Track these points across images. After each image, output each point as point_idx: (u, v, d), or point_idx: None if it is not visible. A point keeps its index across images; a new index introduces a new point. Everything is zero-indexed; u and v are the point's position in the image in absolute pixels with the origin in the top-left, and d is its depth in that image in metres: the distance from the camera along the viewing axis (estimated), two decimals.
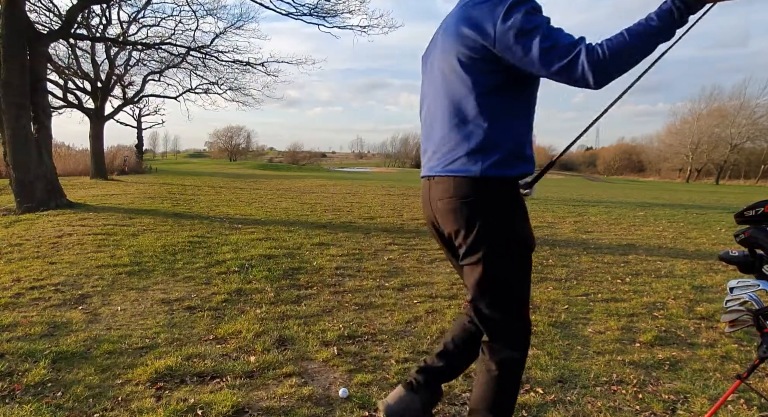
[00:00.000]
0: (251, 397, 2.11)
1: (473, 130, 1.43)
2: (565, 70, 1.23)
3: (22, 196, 7.81)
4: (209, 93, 20.07)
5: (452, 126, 1.47)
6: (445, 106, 1.49)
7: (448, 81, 1.47)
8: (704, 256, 5.71)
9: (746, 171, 52.86)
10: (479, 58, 1.37)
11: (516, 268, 1.51)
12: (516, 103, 1.43)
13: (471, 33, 1.36)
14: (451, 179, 1.48)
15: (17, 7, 7.63)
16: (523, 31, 1.26)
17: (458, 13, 1.45)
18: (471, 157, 1.43)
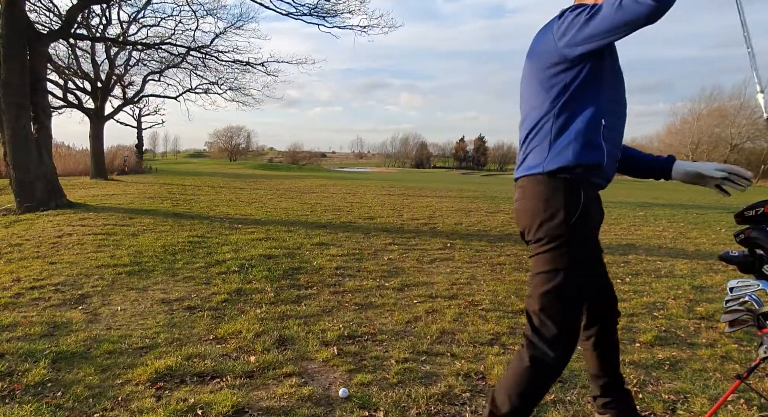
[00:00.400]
0: (251, 397, 2.11)
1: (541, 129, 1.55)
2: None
3: (22, 196, 7.81)
4: (209, 93, 20.09)
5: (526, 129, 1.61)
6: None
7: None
8: (704, 256, 5.71)
9: None
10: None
11: (574, 270, 1.51)
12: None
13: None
14: (524, 178, 1.60)
15: (17, 7, 7.63)
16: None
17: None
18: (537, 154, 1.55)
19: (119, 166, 21.84)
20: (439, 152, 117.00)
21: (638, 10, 1.26)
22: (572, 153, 1.46)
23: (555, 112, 1.48)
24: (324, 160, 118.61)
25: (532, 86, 1.57)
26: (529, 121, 1.57)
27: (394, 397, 2.13)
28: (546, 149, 1.50)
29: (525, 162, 1.58)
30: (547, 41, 1.51)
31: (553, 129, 1.49)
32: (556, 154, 1.48)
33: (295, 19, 11.56)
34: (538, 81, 1.54)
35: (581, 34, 1.39)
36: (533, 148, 1.55)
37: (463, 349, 2.70)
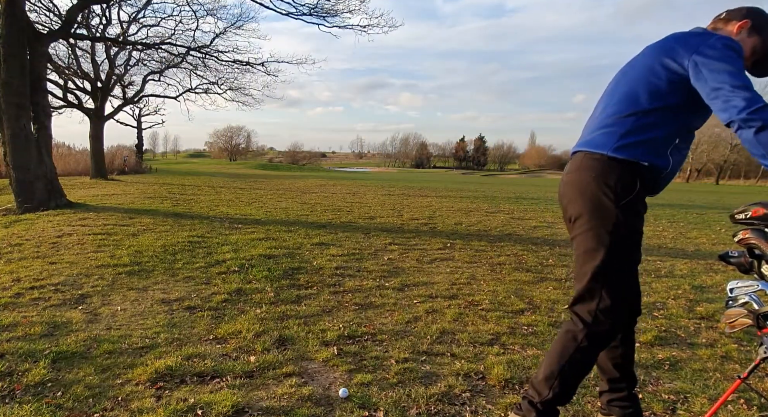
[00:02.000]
0: (251, 397, 2.10)
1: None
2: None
3: (22, 196, 7.81)
4: (209, 93, 20.08)
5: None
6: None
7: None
8: (704, 256, 5.71)
9: (746, 171, 52.87)
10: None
11: (617, 250, 1.57)
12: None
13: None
14: (582, 154, 1.65)
15: (17, 7, 7.63)
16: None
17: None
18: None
19: (119, 166, 21.85)
20: (439, 152, 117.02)
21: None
22: (642, 151, 1.55)
23: (645, 110, 1.55)
24: (324, 160, 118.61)
25: (640, 73, 1.60)
26: (618, 104, 1.61)
27: (394, 397, 2.13)
28: (617, 135, 1.57)
29: (592, 139, 1.63)
30: (683, 49, 1.52)
31: (636, 123, 1.55)
32: (626, 145, 1.55)
33: (295, 19, 11.56)
34: (649, 73, 1.57)
35: (706, 87, 1.44)
36: (605, 129, 1.60)
37: (463, 349, 2.70)
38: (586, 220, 1.58)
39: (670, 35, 1.62)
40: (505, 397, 2.16)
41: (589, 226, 1.58)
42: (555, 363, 1.65)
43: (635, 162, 1.55)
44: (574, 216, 1.63)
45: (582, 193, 1.59)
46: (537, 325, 3.10)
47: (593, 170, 1.58)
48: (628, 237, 1.58)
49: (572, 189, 1.64)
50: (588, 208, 1.58)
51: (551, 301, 3.65)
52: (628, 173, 1.55)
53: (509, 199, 13.58)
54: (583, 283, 1.61)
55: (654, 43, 1.66)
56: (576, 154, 1.69)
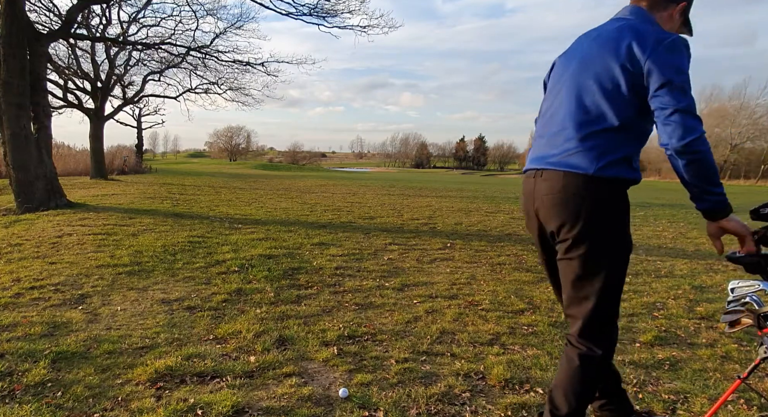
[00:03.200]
0: (251, 397, 2.10)
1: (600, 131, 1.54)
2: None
3: (22, 196, 7.81)
4: (209, 93, 20.07)
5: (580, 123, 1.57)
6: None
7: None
8: (704, 256, 5.71)
9: (746, 171, 52.84)
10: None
11: (615, 268, 1.55)
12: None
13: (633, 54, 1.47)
14: (563, 174, 1.56)
15: (17, 7, 7.63)
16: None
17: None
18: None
19: (119, 166, 21.84)
20: (439, 152, 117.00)
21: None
22: (625, 168, 1.51)
23: (619, 125, 1.49)
24: (324, 160, 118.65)
25: (601, 77, 1.51)
26: (586, 116, 1.53)
27: (394, 397, 2.13)
28: (598, 153, 1.50)
29: (572, 159, 1.53)
30: (639, 50, 1.44)
31: (610, 139, 1.50)
32: (609, 164, 1.49)
33: (295, 19, 11.56)
34: (608, 79, 1.49)
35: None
36: (583, 148, 1.52)
37: (463, 349, 2.70)
38: (589, 242, 1.52)
39: (624, 28, 1.51)
40: (505, 397, 2.16)
41: (591, 248, 1.52)
42: (579, 396, 1.60)
43: (622, 180, 1.52)
44: (570, 238, 1.54)
45: (578, 214, 1.51)
46: (537, 325, 3.10)
47: (585, 190, 1.50)
48: (628, 253, 1.57)
49: (565, 210, 1.54)
50: (589, 230, 1.51)
51: (551, 301, 3.65)
52: (618, 190, 1.53)
53: (509, 199, 13.58)
54: (589, 307, 1.55)
55: (603, 32, 1.56)
56: (553, 172, 1.56)
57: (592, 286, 1.54)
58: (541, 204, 1.60)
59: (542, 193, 1.59)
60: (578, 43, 1.66)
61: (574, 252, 1.54)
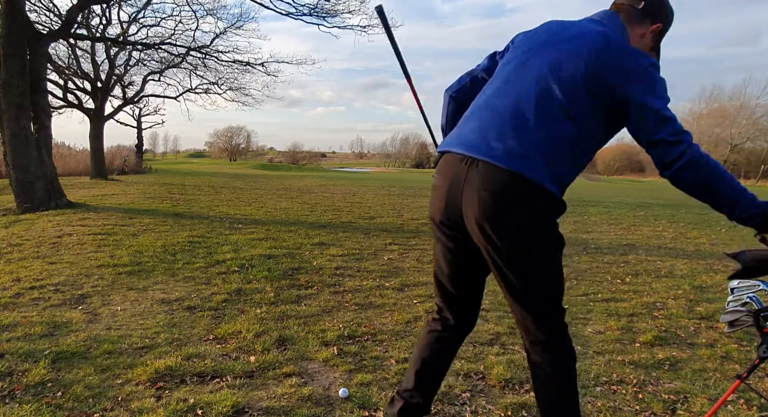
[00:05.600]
0: (251, 397, 2.10)
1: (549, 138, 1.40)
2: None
3: (22, 196, 7.81)
4: (209, 93, 20.07)
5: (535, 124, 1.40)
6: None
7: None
8: (704, 256, 5.71)
9: (746, 171, 52.85)
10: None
11: (556, 269, 1.46)
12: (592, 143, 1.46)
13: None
14: (512, 174, 1.37)
15: (17, 7, 7.63)
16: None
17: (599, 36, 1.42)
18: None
19: (119, 166, 21.84)
20: None
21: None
22: (564, 188, 1.43)
23: (575, 137, 1.37)
24: (324, 160, 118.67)
25: (567, 86, 1.37)
26: (544, 119, 1.37)
27: None
28: (554, 166, 1.37)
29: (519, 159, 1.36)
30: (610, 63, 1.34)
31: (564, 151, 1.38)
32: (561, 175, 1.39)
33: (295, 19, 11.57)
34: (572, 90, 1.36)
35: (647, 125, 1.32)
36: (536, 152, 1.37)
37: (463, 349, 2.70)
38: (531, 250, 1.40)
39: (605, 36, 1.39)
40: (505, 397, 2.16)
41: (534, 255, 1.40)
42: (566, 406, 1.50)
43: (556, 195, 1.41)
44: (505, 248, 1.39)
45: (517, 223, 1.37)
46: None
47: (529, 198, 1.36)
48: (562, 250, 1.48)
49: (504, 215, 1.37)
50: (527, 242, 1.38)
51: None
52: (556, 204, 1.42)
53: None
54: (545, 316, 1.47)
55: (582, 35, 1.41)
56: (496, 168, 1.37)
57: (546, 295, 1.45)
58: (473, 198, 1.39)
59: (477, 186, 1.38)
60: (551, 33, 1.48)
61: (513, 264, 1.40)
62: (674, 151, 1.27)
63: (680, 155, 1.26)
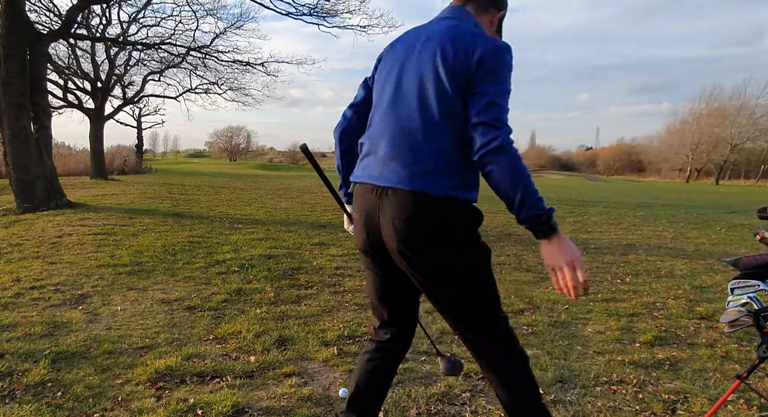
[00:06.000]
0: (251, 397, 2.10)
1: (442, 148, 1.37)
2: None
3: (22, 196, 7.81)
4: (209, 93, 20.08)
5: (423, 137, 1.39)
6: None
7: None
8: (704, 256, 5.71)
9: (746, 171, 52.90)
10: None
11: (483, 279, 1.42)
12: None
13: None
14: (416, 194, 1.35)
15: (17, 7, 7.63)
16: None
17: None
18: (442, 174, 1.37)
19: (119, 166, 21.84)
20: None
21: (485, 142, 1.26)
22: (469, 190, 1.38)
23: (458, 141, 1.33)
24: (324, 159, 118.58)
25: (435, 88, 1.34)
26: (423, 131, 1.35)
27: (394, 397, 2.13)
28: (453, 177, 1.34)
29: (418, 177, 1.34)
30: (467, 52, 1.32)
31: (456, 156, 1.34)
32: (465, 179, 1.36)
33: (295, 19, 11.58)
34: (440, 90, 1.34)
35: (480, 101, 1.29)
36: (430, 167, 1.34)
37: (463, 348, 2.70)
38: (454, 265, 1.37)
39: (453, 29, 1.38)
40: None
41: (458, 270, 1.38)
42: (532, 408, 1.52)
43: (467, 199, 1.38)
44: (428, 265, 1.37)
45: (430, 240, 1.34)
46: (537, 325, 3.10)
47: (437, 213, 1.34)
48: (487, 261, 1.44)
49: (416, 236, 1.35)
50: (443, 257, 1.36)
51: (551, 301, 3.65)
52: (467, 211, 1.39)
53: None
54: (482, 326, 1.45)
55: (433, 35, 1.40)
56: (402, 192, 1.35)
57: (468, 308, 1.42)
58: (389, 228, 1.38)
59: (390, 216, 1.37)
60: (408, 43, 1.46)
61: (439, 281, 1.39)
62: (493, 133, 1.25)
63: (497, 137, 1.24)
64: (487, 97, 1.28)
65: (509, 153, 1.25)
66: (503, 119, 1.28)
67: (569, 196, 15.88)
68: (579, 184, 31.87)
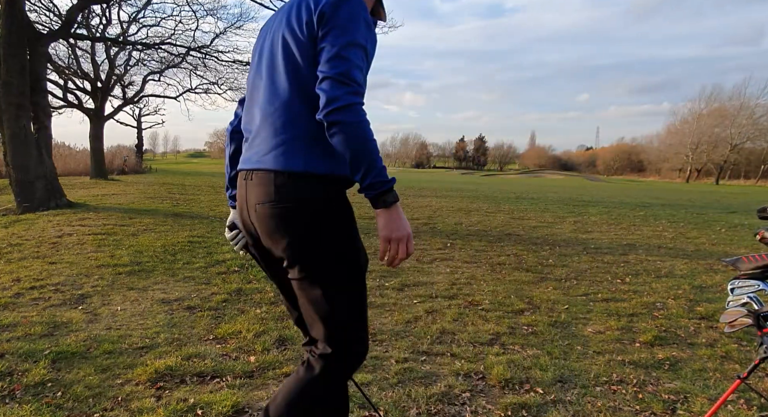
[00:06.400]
0: (251, 397, 2.10)
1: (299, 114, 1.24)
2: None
3: (22, 196, 7.81)
4: (209, 93, 20.08)
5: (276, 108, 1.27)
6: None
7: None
8: (704, 256, 5.71)
9: (746, 171, 52.93)
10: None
11: (343, 286, 1.28)
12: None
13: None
14: (270, 175, 1.24)
15: (17, 7, 7.63)
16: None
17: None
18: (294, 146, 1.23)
19: (119, 166, 21.85)
20: (439, 152, 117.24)
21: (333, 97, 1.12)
22: (337, 162, 1.24)
23: (309, 108, 1.20)
24: None
25: (286, 59, 1.24)
26: (281, 103, 1.24)
27: (394, 397, 2.13)
28: (308, 148, 1.22)
29: (273, 155, 1.24)
30: (311, 14, 1.19)
31: (311, 128, 1.21)
32: (323, 157, 1.22)
33: None
34: (290, 57, 1.23)
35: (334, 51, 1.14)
36: (286, 140, 1.23)
37: (463, 349, 2.70)
38: (304, 260, 1.25)
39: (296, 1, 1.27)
40: (505, 397, 2.16)
41: (307, 266, 1.25)
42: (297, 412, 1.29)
43: (334, 175, 1.26)
44: (285, 256, 1.26)
45: (288, 225, 1.23)
46: (537, 325, 3.10)
47: (294, 193, 1.22)
48: (358, 268, 1.30)
49: (275, 220, 1.24)
50: (303, 244, 1.24)
51: (551, 301, 3.65)
52: (333, 190, 1.27)
53: (509, 199, 13.58)
54: (323, 329, 1.28)
55: (281, 12, 1.32)
56: (263, 174, 1.25)
57: (322, 309, 1.27)
58: (254, 214, 1.29)
59: (254, 200, 1.28)
60: (267, 28, 1.38)
61: (294, 271, 1.27)
62: (339, 90, 1.11)
63: (342, 96, 1.10)
64: (333, 49, 1.14)
65: (356, 114, 1.11)
66: (353, 76, 1.13)
67: (569, 196, 15.88)
68: (579, 184, 31.87)
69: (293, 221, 1.23)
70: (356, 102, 1.12)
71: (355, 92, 1.13)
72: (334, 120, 1.11)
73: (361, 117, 1.12)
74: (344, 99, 1.10)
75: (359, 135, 1.12)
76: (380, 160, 1.16)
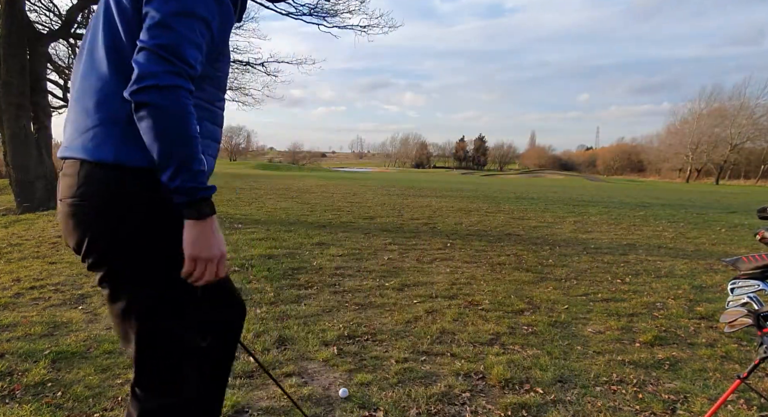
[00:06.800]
0: (251, 397, 2.10)
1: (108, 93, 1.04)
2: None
3: (22, 196, 7.82)
4: None
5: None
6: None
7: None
8: (704, 256, 5.71)
9: (746, 171, 52.95)
10: None
11: (155, 316, 1.08)
12: None
13: None
14: (76, 164, 1.05)
15: (17, 7, 7.63)
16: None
17: None
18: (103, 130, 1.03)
19: None
20: (439, 152, 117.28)
21: (144, 73, 0.92)
22: (150, 152, 0.98)
23: (121, 92, 0.99)
24: (324, 159, 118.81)
25: (104, 34, 1.05)
26: (97, 78, 1.05)
27: (394, 397, 2.13)
28: (123, 134, 1.01)
29: (82, 140, 1.05)
30: None
31: (129, 110, 0.97)
32: (142, 146, 0.98)
33: (295, 18, 11.61)
34: (110, 29, 1.05)
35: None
36: (102, 123, 1.03)
37: (463, 349, 2.70)
38: (107, 268, 1.10)
39: None
40: (505, 397, 2.17)
41: (110, 277, 1.11)
42: None
43: (145, 167, 1.02)
44: (86, 259, 1.10)
45: (86, 222, 1.05)
46: (537, 325, 3.10)
47: (93, 185, 1.03)
48: (176, 296, 1.10)
49: (74, 218, 1.06)
50: (104, 248, 1.06)
51: (551, 301, 3.65)
52: (152, 185, 1.01)
53: (509, 199, 13.58)
54: (136, 356, 1.14)
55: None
56: (71, 163, 1.08)
57: (131, 336, 1.10)
58: (60, 215, 1.12)
59: (60, 196, 1.11)
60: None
61: (100, 278, 1.10)
62: (156, 65, 0.91)
63: (158, 73, 0.91)
64: (157, 15, 0.93)
65: (174, 99, 0.91)
66: (180, 52, 0.93)
67: (569, 196, 15.88)
68: (579, 184, 31.88)
69: (94, 224, 1.02)
70: (177, 84, 0.92)
71: (178, 73, 0.92)
72: (141, 100, 0.91)
73: (180, 104, 0.92)
74: (161, 78, 0.90)
75: (171, 125, 0.91)
76: (200, 162, 0.96)
